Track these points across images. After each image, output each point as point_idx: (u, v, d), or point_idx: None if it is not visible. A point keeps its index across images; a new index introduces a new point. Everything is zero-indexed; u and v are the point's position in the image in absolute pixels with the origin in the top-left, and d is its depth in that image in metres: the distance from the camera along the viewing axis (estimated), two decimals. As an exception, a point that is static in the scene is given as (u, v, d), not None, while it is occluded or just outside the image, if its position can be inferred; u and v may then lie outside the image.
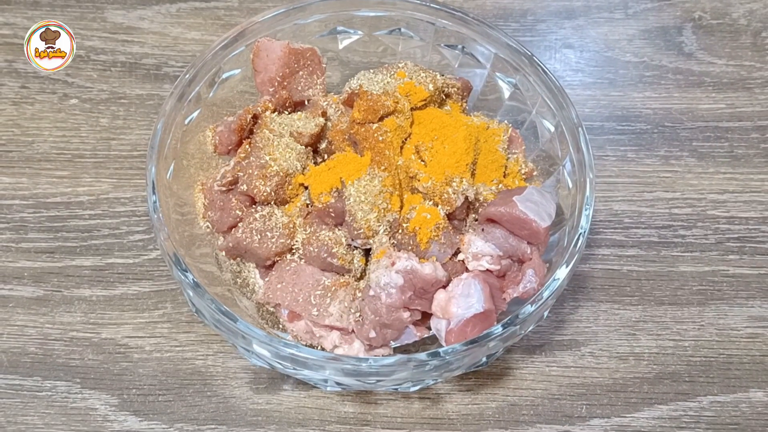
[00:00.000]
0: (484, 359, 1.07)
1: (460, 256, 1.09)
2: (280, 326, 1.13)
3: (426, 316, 1.09)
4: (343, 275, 1.10)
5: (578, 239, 1.08)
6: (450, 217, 1.10)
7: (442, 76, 1.19)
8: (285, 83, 1.19)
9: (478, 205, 1.12)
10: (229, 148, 1.16)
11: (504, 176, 1.16)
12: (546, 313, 1.09)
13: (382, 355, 1.08)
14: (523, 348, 1.23)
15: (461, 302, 1.04)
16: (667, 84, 1.48)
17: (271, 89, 1.19)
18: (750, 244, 1.32)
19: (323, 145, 1.18)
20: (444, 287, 1.07)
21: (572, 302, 1.27)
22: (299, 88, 1.20)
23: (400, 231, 1.07)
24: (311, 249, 1.09)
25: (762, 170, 1.39)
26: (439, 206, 1.08)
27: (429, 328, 1.10)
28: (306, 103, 1.22)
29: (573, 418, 1.19)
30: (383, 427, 1.17)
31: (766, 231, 1.34)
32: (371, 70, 1.19)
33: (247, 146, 1.13)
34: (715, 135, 1.42)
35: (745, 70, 1.50)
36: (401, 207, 1.09)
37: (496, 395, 1.20)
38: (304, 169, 1.12)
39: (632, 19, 1.56)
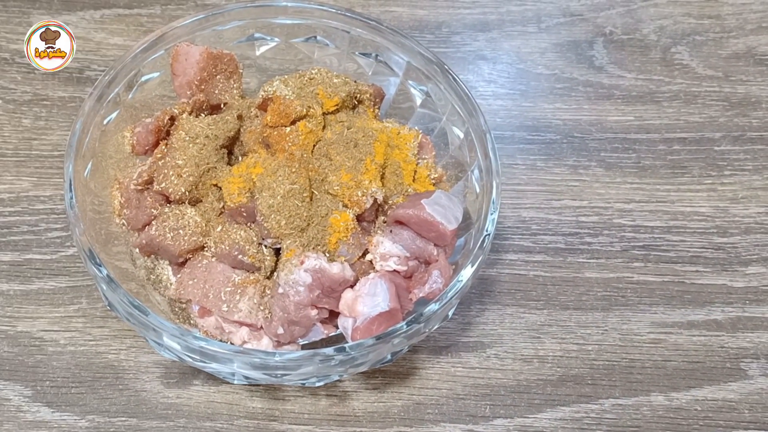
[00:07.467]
0: (389, 356, 1.09)
1: (369, 257, 1.12)
2: (192, 322, 1.15)
3: (334, 314, 1.11)
4: (253, 273, 1.12)
5: (483, 241, 1.10)
6: (359, 218, 1.12)
7: (355, 82, 1.22)
8: (203, 87, 1.20)
9: (387, 207, 1.15)
10: (147, 148, 1.17)
11: (413, 180, 1.18)
12: (451, 313, 1.12)
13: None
14: (429, 348, 1.25)
15: (367, 301, 1.06)
16: (578, 96, 1.51)
17: (188, 92, 1.20)
18: (654, 252, 1.36)
19: (238, 147, 1.20)
20: (352, 287, 1.09)
21: (479, 305, 1.29)
22: (216, 91, 1.22)
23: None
24: (223, 247, 1.10)
25: (668, 181, 1.43)
26: (348, 208, 1.11)
27: (337, 327, 1.12)
28: (222, 106, 1.23)
29: (477, 418, 1.21)
30: (290, 422, 1.19)
31: (670, 240, 1.37)
32: (285, 76, 1.21)
33: (164, 147, 1.15)
34: (623, 146, 1.46)
35: (653, 84, 1.54)
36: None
37: (402, 394, 1.22)
38: (218, 170, 1.14)
39: (545, 33, 1.59)
